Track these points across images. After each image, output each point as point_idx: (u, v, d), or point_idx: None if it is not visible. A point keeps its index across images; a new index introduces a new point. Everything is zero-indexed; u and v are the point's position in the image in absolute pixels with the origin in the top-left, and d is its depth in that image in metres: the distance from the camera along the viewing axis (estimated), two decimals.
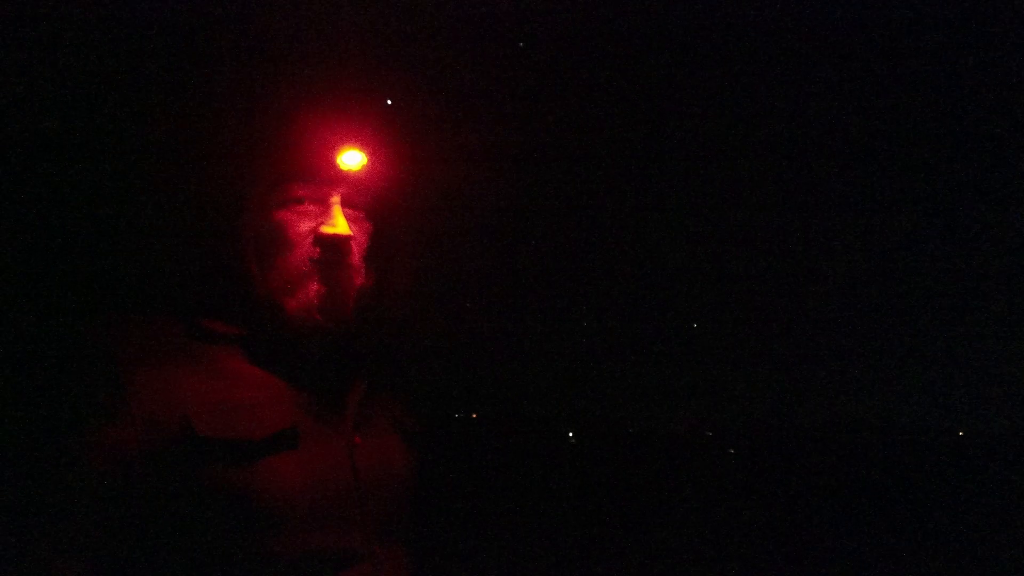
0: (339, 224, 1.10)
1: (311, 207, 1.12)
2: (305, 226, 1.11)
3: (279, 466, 1.02)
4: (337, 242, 1.10)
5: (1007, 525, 2.26)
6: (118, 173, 1.39)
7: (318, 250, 1.10)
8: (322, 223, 1.11)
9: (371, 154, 1.15)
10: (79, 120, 1.43)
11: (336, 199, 1.12)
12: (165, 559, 0.96)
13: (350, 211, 1.14)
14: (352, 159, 1.15)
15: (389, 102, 1.20)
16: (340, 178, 1.13)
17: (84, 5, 1.39)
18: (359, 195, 1.16)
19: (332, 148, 1.13)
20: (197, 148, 1.15)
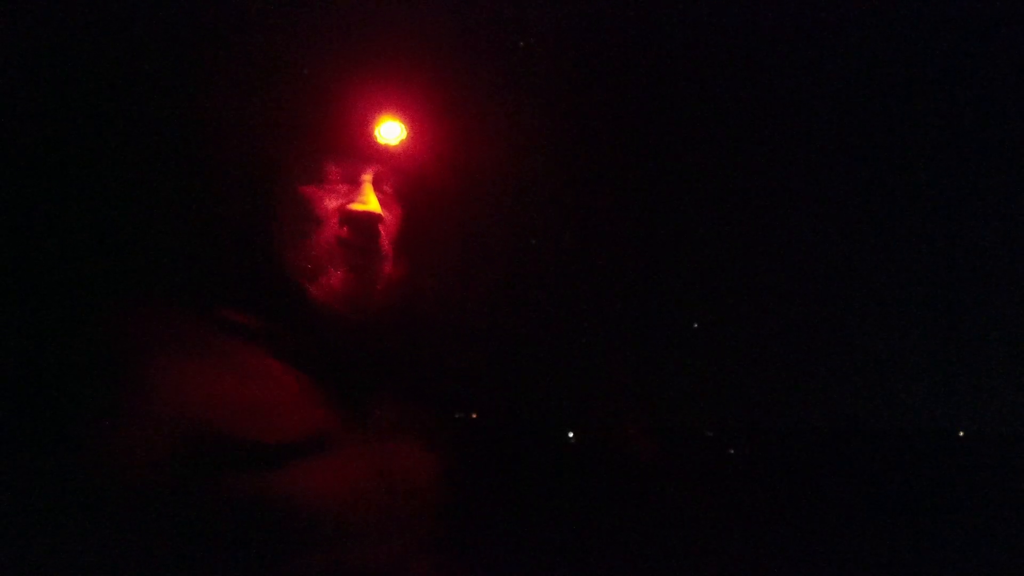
0: (370, 202, 0.97)
1: (341, 185, 0.98)
2: (333, 203, 0.97)
3: (305, 473, 0.88)
4: (367, 221, 0.97)
5: (1007, 525, 2.26)
6: (131, 133, 1.16)
7: (345, 228, 0.96)
8: (351, 200, 0.97)
9: (410, 128, 1.00)
10: (94, 84, 1.21)
11: (368, 177, 0.99)
12: (182, 569, 0.83)
13: (382, 194, 1.00)
14: (390, 132, 1.00)
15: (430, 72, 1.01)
16: (373, 155, 0.99)
17: None
18: (392, 176, 1.02)
19: (368, 120, 0.99)
20: (225, 115, 1.00)
